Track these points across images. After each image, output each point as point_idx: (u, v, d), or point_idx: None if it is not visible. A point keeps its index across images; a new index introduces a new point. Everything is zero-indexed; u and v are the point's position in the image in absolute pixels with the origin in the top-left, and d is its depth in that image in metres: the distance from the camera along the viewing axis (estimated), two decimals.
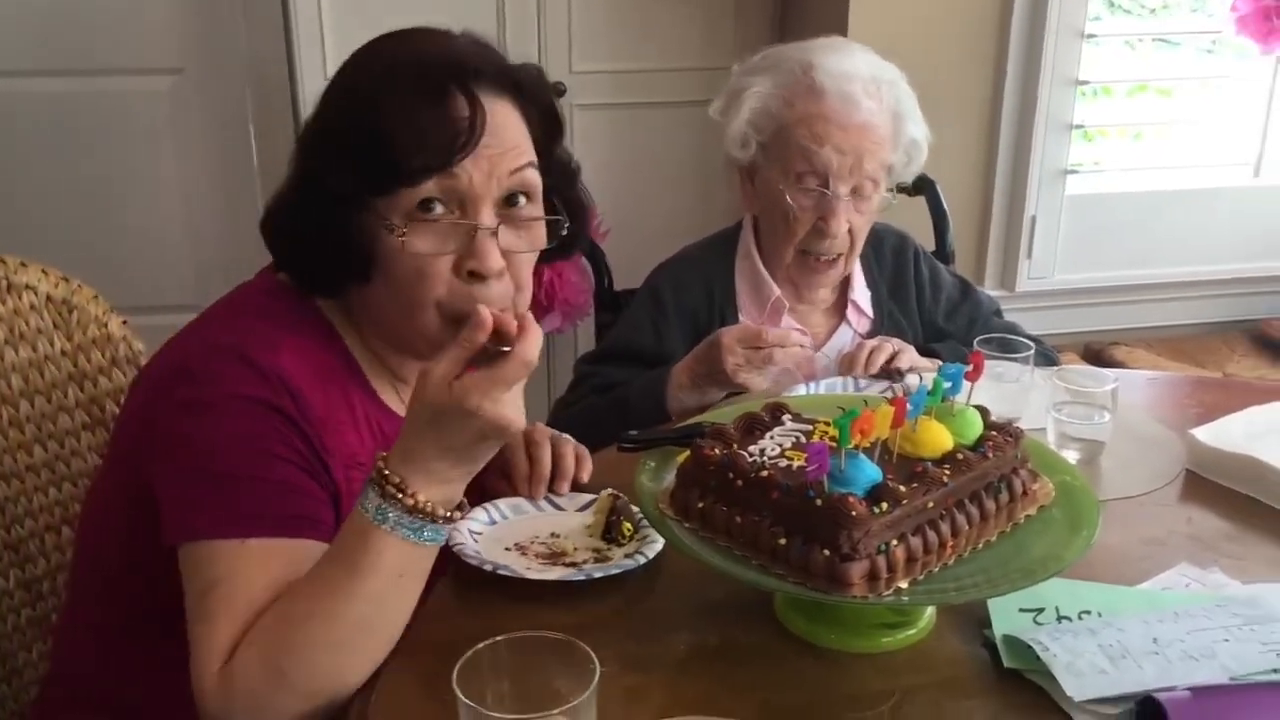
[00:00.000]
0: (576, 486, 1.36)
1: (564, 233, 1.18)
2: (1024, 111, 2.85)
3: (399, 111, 1.09)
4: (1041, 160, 2.88)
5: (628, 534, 1.24)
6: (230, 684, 1.01)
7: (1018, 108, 2.85)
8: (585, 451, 1.39)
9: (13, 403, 1.42)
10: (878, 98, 1.72)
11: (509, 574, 1.15)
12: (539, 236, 1.17)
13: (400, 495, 1.01)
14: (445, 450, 1.01)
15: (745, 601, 1.14)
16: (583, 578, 1.16)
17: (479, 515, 1.29)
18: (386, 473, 1.01)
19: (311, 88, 2.82)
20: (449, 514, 1.03)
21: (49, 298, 1.45)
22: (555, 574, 1.17)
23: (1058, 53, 2.79)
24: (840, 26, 2.69)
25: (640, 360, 1.80)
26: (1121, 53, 2.91)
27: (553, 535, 1.27)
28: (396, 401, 1.25)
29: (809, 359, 1.78)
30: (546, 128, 1.20)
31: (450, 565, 1.18)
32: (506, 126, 1.13)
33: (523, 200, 1.15)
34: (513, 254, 1.14)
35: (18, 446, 1.43)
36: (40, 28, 2.92)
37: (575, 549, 1.24)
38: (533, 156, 1.16)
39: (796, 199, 1.73)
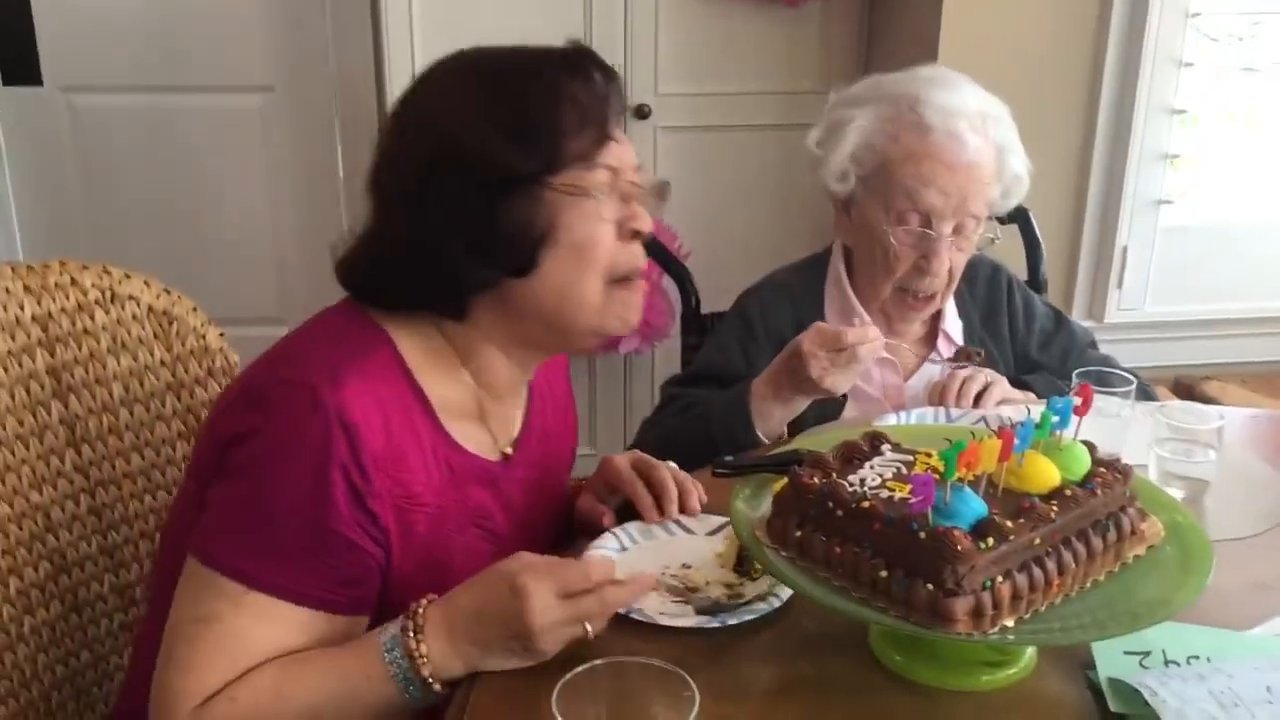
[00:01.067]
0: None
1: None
2: (1117, 140, 2.80)
3: (558, 87, 1.12)
4: (1135, 189, 2.83)
5: (760, 567, 1.20)
6: None
7: (1111, 136, 2.80)
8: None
9: (113, 410, 1.45)
10: (983, 133, 1.68)
11: (642, 619, 1.13)
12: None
13: (411, 635, 1.05)
14: (479, 628, 1.05)
15: (838, 633, 1.12)
16: (717, 624, 1.13)
17: (608, 542, 1.29)
18: (419, 610, 1.06)
19: None
20: (433, 682, 1.05)
21: (150, 309, 1.47)
22: (689, 621, 1.14)
23: (1153, 80, 2.74)
24: (931, 50, 2.66)
25: (728, 383, 1.78)
26: (1215, 82, 2.84)
27: (684, 566, 1.25)
28: (471, 437, 1.22)
29: (895, 350, 1.75)
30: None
31: None
32: None
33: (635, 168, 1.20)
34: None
35: (116, 454, 1.46)
36: (138, 46, 3.01)
37: (708, 583, 1.22)
38: None
39: (899, 237, 1.70)
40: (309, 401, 1.07)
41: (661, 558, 1.27)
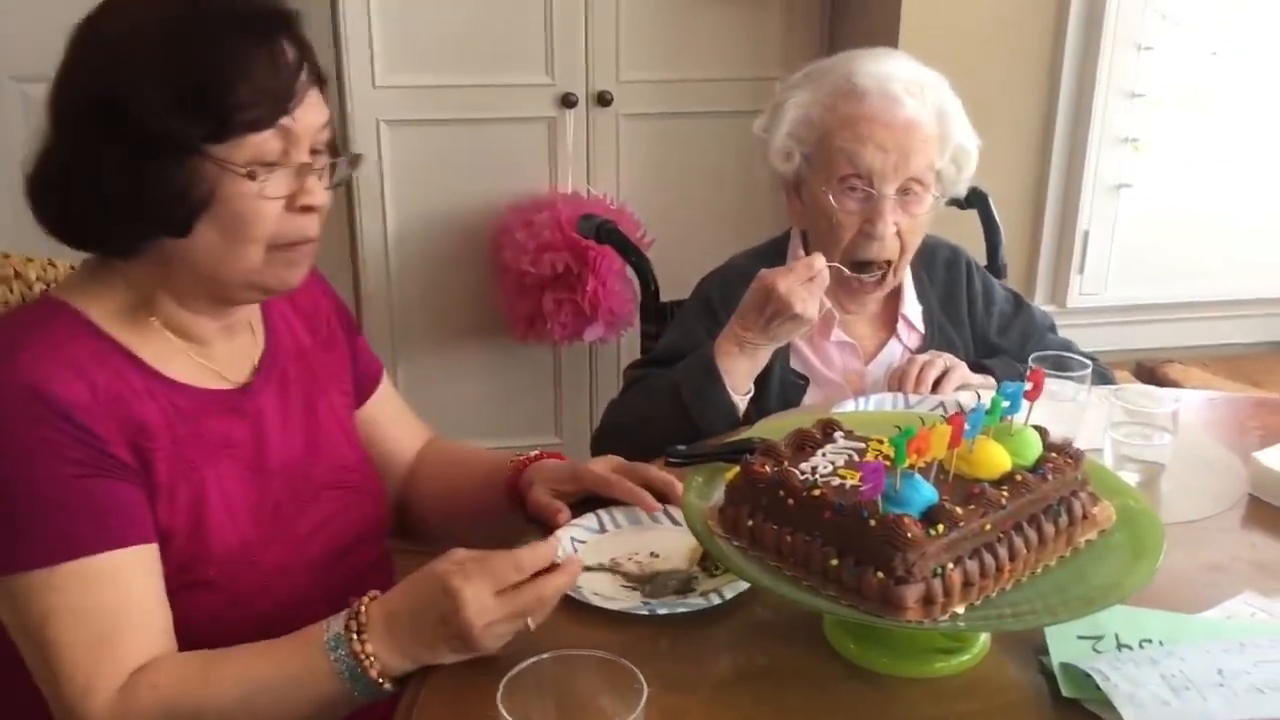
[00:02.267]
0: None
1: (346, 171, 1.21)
2: (1078, 124, 2.81)
3: (239, 57, 1.07)
4: (1095, 174, 2.84)
5: (722, 566, 1.19)
6: (125, 715, 1.05)
7: (1071, 120, 2.81)
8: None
9: None
10: (921, 98, 1.69)
11: (576, 596, 1.13)
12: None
13: (355, 636, 1.04)
14: (418, 629, 1.04)
15: (793, 622, 1.12)
16: (645, 612, 1.13)
17: (588, 522, 1.29)
18: (361, 609, 1.06)
19: (360, 97, 2.83)
20: (382, 684, 1.04)
21: None
22: (619, 604, 1.14)
23: (1113, 65, 2.75)
24: (891, 36, 2.66)
25: None
26: (1175, 66, 2.85)
27: (652, 554, 1.25)
28: (183, 369, 1.19)
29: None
30: (319, 74, 1.18)
31: None
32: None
33: (326, 141, 1.17)
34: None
35: None
36: None
37: (665, 573, 1.21)
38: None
39: (841, 202, 1.70)
40: None
41: (634, 544, 1.27)
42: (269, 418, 1.26)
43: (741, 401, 1.63)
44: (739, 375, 1.62)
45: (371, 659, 1.04)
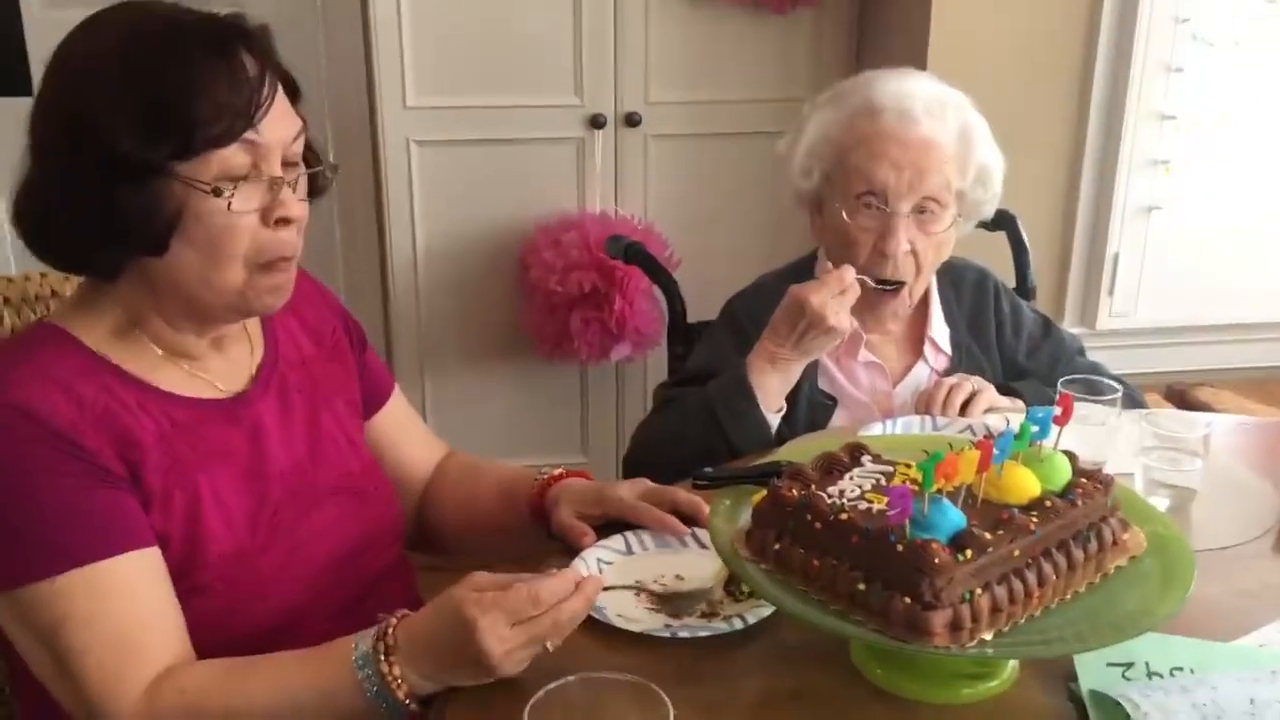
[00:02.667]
0: None
1: (326, 180, 1.23)
2: (1108, 146, 2.80)
3: (197, 74, 1.07)
4: (1125, 195, 2.82)
5: (747, 590, 1.19)
6: (151, 718, 1.06)
7: (1101, 142, 2.80)
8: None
9: None
10: (940, 117, 1.69)
11: (598, 616, 1.13)
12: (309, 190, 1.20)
13: (384, 658, 1.05)
14: (438, 655, 1.05)
15: (820, 646, 1.12)
16: (667, 635, 1.13)
17: (616, 544, 1.29)
18: (389, 630, 1.07)
19: (391, 117, 2.85)
20: (407, 701, 1.05)
21: None
22: (641, 626, 1.14)
23: (1144, 86, 2.74)
24: (919, 57, 2.66)
25: None
26: (1207, 87, 2.84)
27: (677, 577, 1.24)
28: (177, 381, 1.20)
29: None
30: (290, 86, 1.18)
31: None
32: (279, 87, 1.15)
33: (300, 153, 1.17)
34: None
35: None
36: None
37: (690, 595, 1.20)
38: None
39: (856, 219, 1.70)
40: None
41: (661, 566, 1.26)
42: (267, 425, 1.27)
43: (774, 419, 1.63)
44: (771, 392, 1.63)
45: (399, 680, 1.05)
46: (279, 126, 1.13)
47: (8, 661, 1.23)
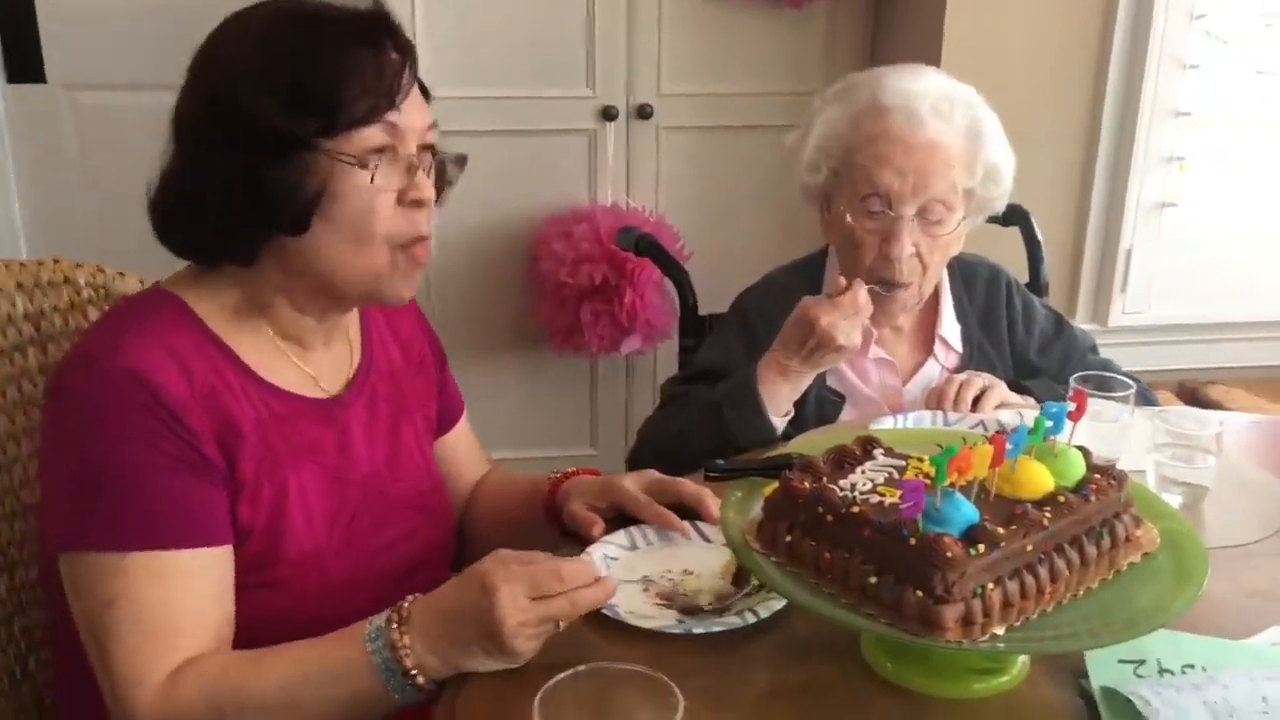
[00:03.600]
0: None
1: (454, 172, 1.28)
2: (1121, 143, 2.79)
3: (346, 56, 1.12)
4: (1139, 192, 2.81)
5: (756, 582, 1.19)
6: (168, 704, 1.07)
7: (1115, 138, 2.79)
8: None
9: None
10: (948, 117, 1.67)
11: (610, 614, 1.12)
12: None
13: (395, 627, 1.06)
14: (453, 626, 1.05)
15: (831, 639, 1.11)
16: (680, 630, 1.12)
17: (620, 539, 1.29)
18: (405, 604, 1.07)
19: None
20: (416, 678, 1.05)
21: None
22: (653, 622, 1.13)
23: (1159, 83, 2.73)
24: (934, 52, 2.65)
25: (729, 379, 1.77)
26: (1222, 85, 2.83)
27: (685, 572, 1.24)
28: (280, 373, 1.23)
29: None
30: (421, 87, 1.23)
31: None
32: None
33: (432, 142, 1.22)
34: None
35: None
36: (142, 42, 3.01)
37: (699, 590, 1.20)
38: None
39: (860, 221, 1.69)
40: (95, 373, 1.11)
41: (666, 560, 1.26)
42: (355, 430, 1.28)
43: (781, 423, 1.63)
44: (780, 400, 1.63)
45: (407, 650, 1.05)
46: (416, 113, 1.18)
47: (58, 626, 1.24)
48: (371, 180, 1.13)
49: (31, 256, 1.42)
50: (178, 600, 1.10)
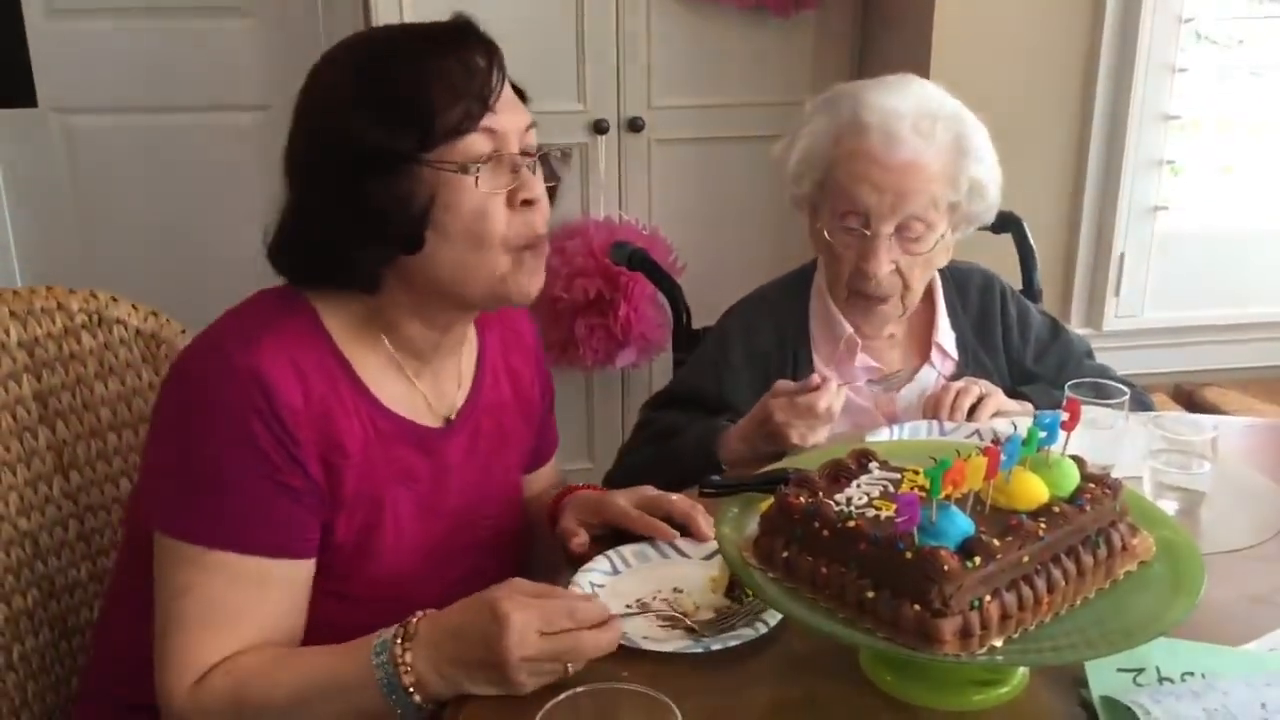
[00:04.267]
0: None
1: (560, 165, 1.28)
2: (1112, 147, 2.79)
3: (430, 65, 1.14)
4: (1130, 196, 2.82)
5: (751, 593, 1.18)
6: (199, 703, 1.11)
7: (1105, 142, 2.79)
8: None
9: (101, 435, 1.44)
10: (929, 135, 1.66)
11: (628, 644, 1.11)
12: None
13: (399, 643, 1.06)
14: (458, 648, 1.05)
15: (829, 653, 1.11)
16: (700, 650, 1.12)
17: (601, 565, 1.28)
18: (413, 620, 1.08)
19: None
20: (414, 692, 1.05)
21: (138, 331, 1.47)
22: (673, 645, 1.13)
23: (1147, 87, 2.73)
24: (923, 59, 2.66)
25: (703, 405, 1.78)
26: (1211, 87, 2.84)
27: (675, 590, 1.24)
28: (394, 394, 1.24)
29: (864, 395, 1.74)
30: (517, 90, 1.24)
31: None
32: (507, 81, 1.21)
33: (534, 144, 1.22)
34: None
35: (104, 479, 1.46)
36: (133, 66, 3.02)
37: (697, 607, 1.20)
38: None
39: (837, 238, 1.70)
40: (223, 365, 1.13)
41: (653, 581, 1.26)
42: (453, 463, 1.30)
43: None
44: (744, 466, 1.59)
45: (408, 667, 1.05)
46: (513, 114, 1.19)
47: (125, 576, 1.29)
48: (477, 184, 1.14)
49: (24, 279, 1.42)
50: (248, 604, 1.13)
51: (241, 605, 1.13)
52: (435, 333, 1.25)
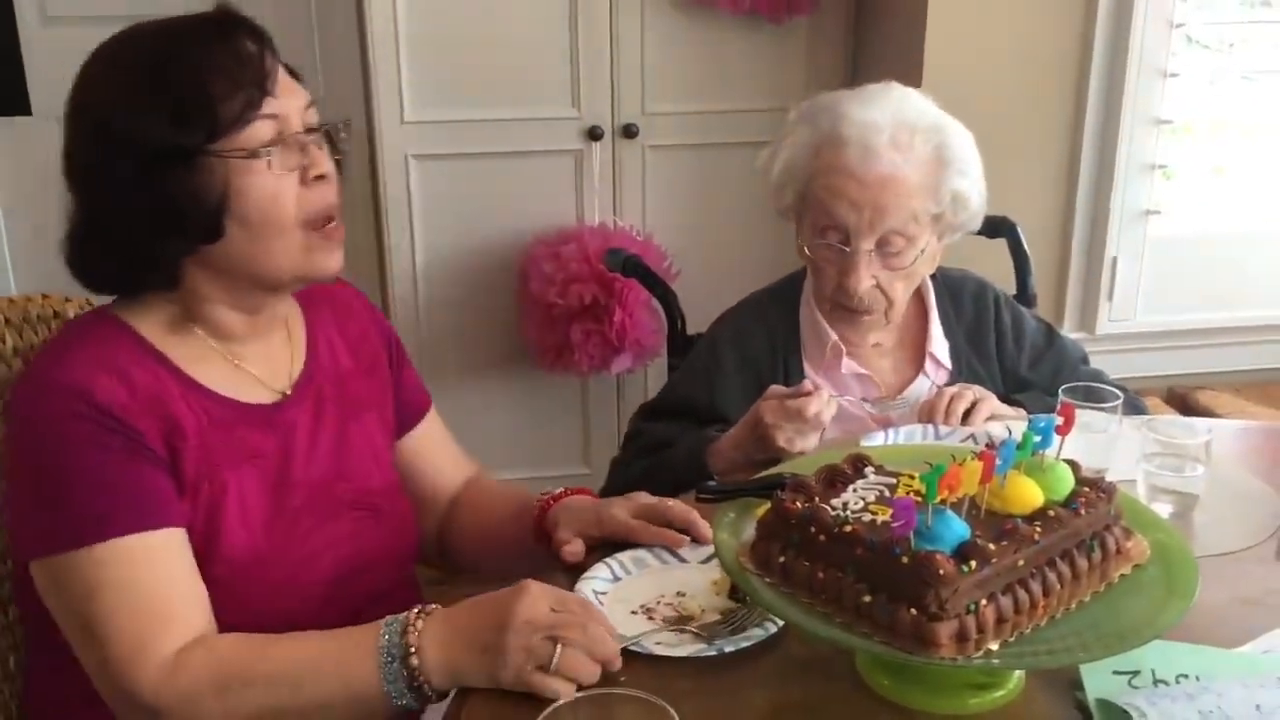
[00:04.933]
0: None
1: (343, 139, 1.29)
2: (1104, 151, 2.81)
3: (204, 57, 1.15)
4: (1123, 200, 2.83)
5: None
6: (175, 677, 1.10)
7: (1097, 147, 2.81)
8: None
9: None
10: (906, 148, 1.65)
11: (640, 650, 1.12)
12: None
13: (415, 612, 1.10)
14: (469, 614, 1.10)
15: (826, 658, 1.12)
16: (714, 653, 1.12)
17: (600, 572, 1.27)
18: (427, 609, 1.11)
19: (389, 133, 2.86)
20: (413, 658, 1.07)
21: None
22: (686, 650, 1.13)
23: (1139, 91, 2.75)
24: (915, 66, 2.67)
25: (694, 415, 1.78)
26: (1202, 90, 2.85)
27: (679, 594, 1.24)
28: (221, 379, 1.26)
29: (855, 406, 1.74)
30: (289, 69, 1.26)
31: None
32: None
33: (315, 121, 1.24)
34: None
35: None
36: None
37: (702, 610, 1.21)
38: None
39: (817, 252, 1.70)
40: (38, 388, 1.17)
41: (655, 587, 1.26)
42: (298, 433, 1.31)
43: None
44: (736, 475, 1.58)
45: (416, 631, 1.08)
46: (291, 95, 1.21)
47: (29, 630, 1.29)
48: (269, 168, 1.16)
49: (18, 287, 1.42)
50: (155, 578, 1.14)
51: (154, 581, 1.14)
52: (246, 315, 1.27)
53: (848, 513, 1.07)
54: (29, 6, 2.97)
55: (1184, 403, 2.86)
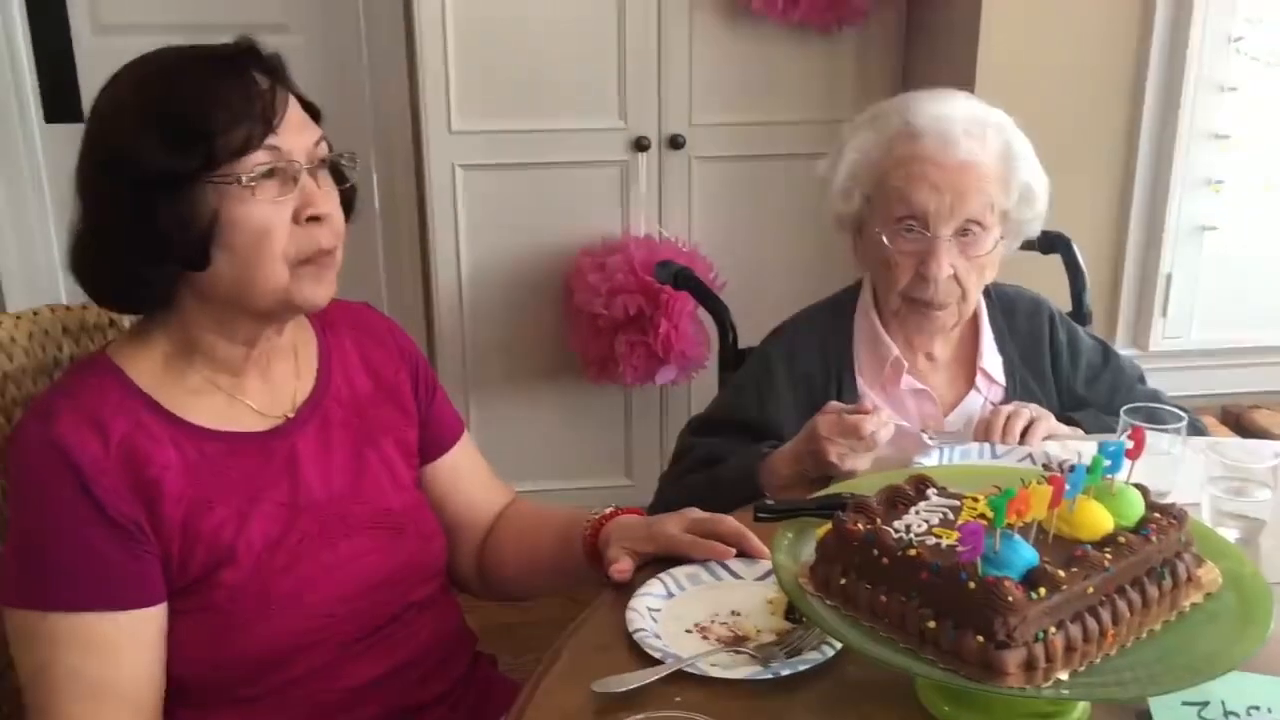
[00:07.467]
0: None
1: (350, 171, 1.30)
2: (1159, 166, 2.76)
3: (210, 88, 1.16)
4: (1178, 216, 2.79)
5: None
6: None
7: (1153, 162, 2.77)
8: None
9: None
10: (980, 138, 1.66)
11: (695, 671, 1.10)
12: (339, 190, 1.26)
13: None
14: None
15: (884, 682, 1.10)
16: (770, 676, 1.10)
17: (654, 588, 1.26)
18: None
19: (436, 142, 2.87)
20: None
21: None
22: (740, 673, 1.11)
23: (1196, 106, 2.70)
24: (968, 78, 2.64)
25: (746, 430, 1.76)
26: (1261, 106, 2.80)
27: (733, 614, 1.23)
28: (215, 414, 1.26)
29: (912, 430, 1.71)
30: (308, 107, 1.26)
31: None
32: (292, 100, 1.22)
33: (322, 157, 1.24)
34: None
35: None
36: None
37: (758, 631, 1.19)
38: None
39: (896, 244, 1.68)
40: (26, 441, 1.17)
41: (710, 604, 1.24)
42: (304, 456, 1.30)
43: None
44: (789, 492, 1.57)
45: None
46: (299, 132, 1.20)
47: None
48: (254, 195, 1.16)
49: (70, 294, 1.43)
50: (104, 665, 1.15)
51: (99, 669, 1.14)
52: (241, 347, 1.26)
53: (911, 535, 1.05)
54: (82, 15, 3.00)
55: (1239, 422, 2.81)
